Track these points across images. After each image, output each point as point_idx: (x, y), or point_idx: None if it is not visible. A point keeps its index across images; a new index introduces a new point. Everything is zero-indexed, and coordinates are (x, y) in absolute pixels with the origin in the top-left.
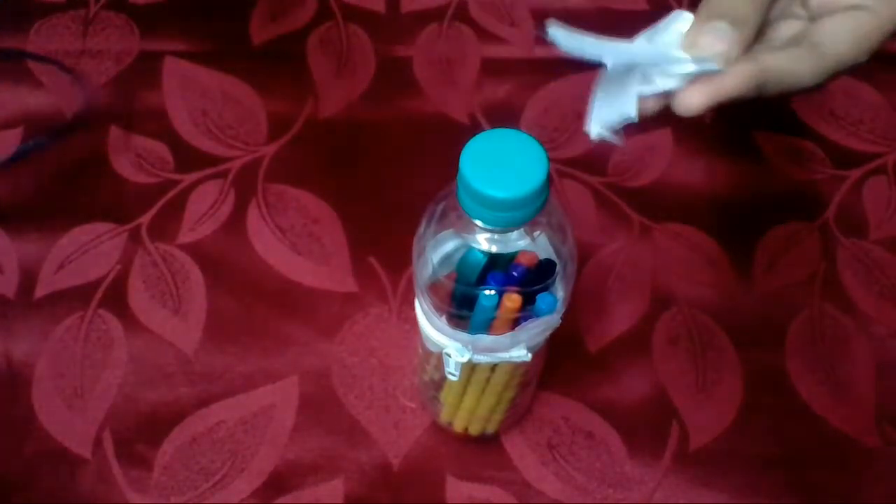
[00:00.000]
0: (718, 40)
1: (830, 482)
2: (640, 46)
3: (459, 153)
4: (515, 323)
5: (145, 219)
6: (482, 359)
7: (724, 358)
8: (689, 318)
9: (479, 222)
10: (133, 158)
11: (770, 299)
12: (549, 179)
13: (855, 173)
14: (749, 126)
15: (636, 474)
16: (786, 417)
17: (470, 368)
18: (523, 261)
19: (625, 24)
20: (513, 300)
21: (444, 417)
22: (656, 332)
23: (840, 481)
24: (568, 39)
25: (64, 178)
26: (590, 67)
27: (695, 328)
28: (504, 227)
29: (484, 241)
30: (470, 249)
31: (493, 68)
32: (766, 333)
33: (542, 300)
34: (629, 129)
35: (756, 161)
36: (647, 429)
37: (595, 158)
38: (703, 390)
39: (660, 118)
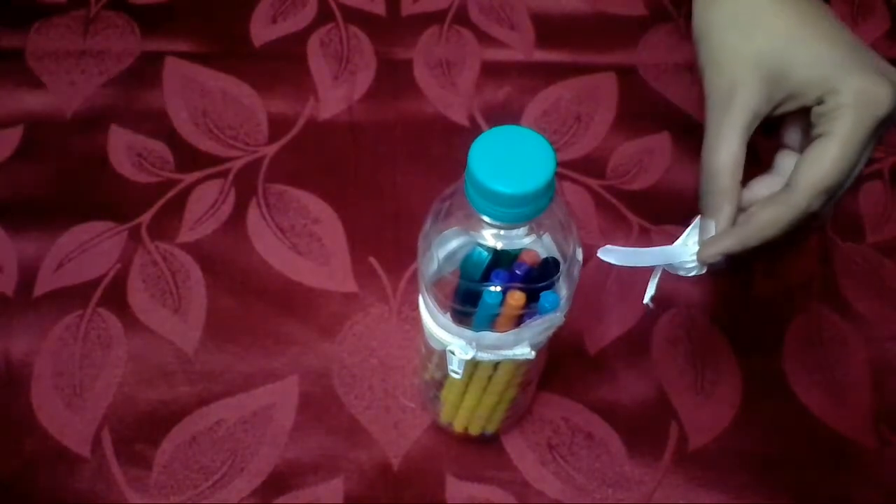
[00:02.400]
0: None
1: (828, 483)
2: (667, 252)
3: (459, 155)
4: (519, 320)
5: (145, 218)
6: (486, 356)
7: (722, 360)
8: (687, 320)
9: (486, 218)
10: (133, 158)
11: (768, 302)
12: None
13: None
14: None
15: (636, 474)
16: (784, 419)
17: (472, 367)
18: (527, 259)
19: (623, 28)
20: (516, 298)
21: (444, 417)
22: (655, 334)
23: (837, 482)
24: (618, 256)
25: (64, 177)
26: (587, 72)
27: (693, 330)
28: (510, 224)
29: (490, 238)
30: (475, 247)
31: (492, 71)
32: (765, 335)
33: (545, 298)
34: None
35: (754, 165)
36: (646, 429)
37: (594, 161)
38: (702, 391)
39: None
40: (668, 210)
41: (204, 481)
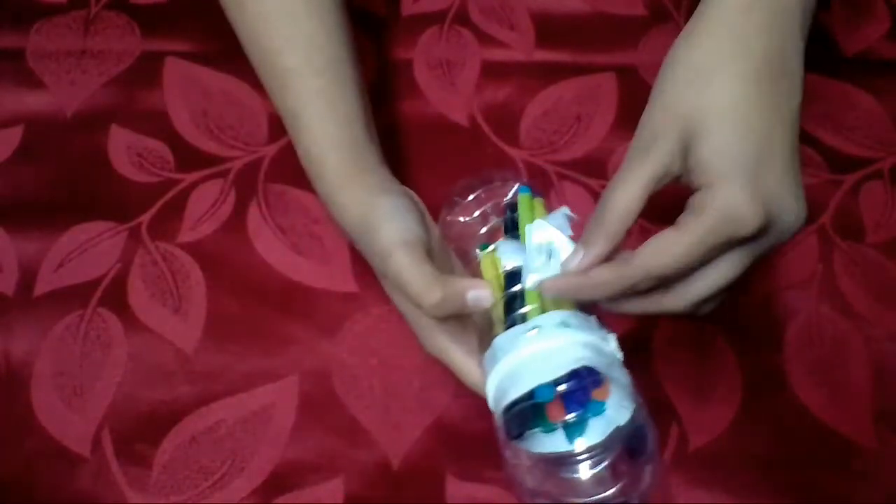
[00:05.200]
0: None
1: (828, 483)
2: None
3: (459, 155)
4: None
5: (145, 218)
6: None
7: (722, 360)
8: (687, 319)
9: None
10: (134, 158)
11: (768, 301)
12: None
13: (851, 178)
14: None
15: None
16: (784, 419)
17: None
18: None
19: (623, 28)
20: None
21: None
22: (656, 334)
23: (838, 482)
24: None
25: (64, 177)
26: (588, 72)
27: (694, 330)
28: None
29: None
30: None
31: (493, 71)
32: (765, 335)
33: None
34: None
35: None
36: None
37: (594, 161)
38: (703, 392)
39: None
40: (668, 210)
41: (204, 481)
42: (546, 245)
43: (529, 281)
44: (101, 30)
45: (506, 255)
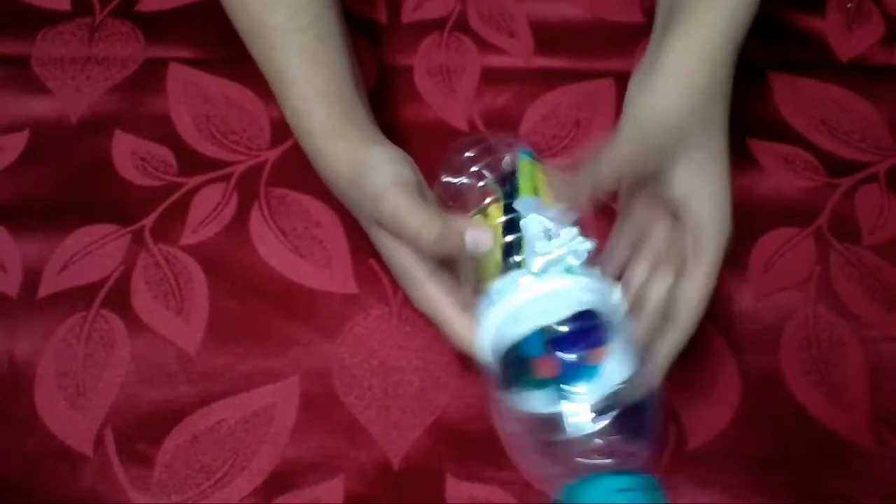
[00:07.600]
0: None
1: (826, 483)
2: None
3: None
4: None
5: (148, 221)
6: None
7: (721, 360)
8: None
9: None
10: (137, 162)
11: (766, 302)
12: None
13: (847, 181)
14: (744, 134)
15: None
16: (782, 419)
17: None
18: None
19: (621, 35)
20: None
21: None
22: None
23: (835, 482)
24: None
25: (69, 181)
26: (586, 78)
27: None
28: None
29: None
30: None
31: (492, 77)
32: (762, 336)
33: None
34: None
35: (751, 168)
36: None
37: None
38: (701, 392)
39: None
40: None
41: (205, 480)
42: (544, 230)
43: (536, 265)
44: (105, 37)
45: (525, 211)
